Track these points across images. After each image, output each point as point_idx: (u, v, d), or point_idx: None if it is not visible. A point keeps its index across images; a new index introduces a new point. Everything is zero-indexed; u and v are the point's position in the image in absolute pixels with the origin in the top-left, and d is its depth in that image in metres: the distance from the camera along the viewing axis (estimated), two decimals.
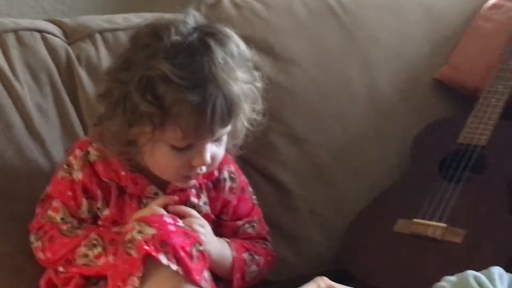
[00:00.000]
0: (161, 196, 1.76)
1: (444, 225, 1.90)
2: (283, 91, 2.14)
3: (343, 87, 2.22)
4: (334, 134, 2.18)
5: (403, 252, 1.91)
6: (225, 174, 1.85)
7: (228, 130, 1.69)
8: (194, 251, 1.61)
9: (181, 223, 1.65)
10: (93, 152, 1.76)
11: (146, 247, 1.55)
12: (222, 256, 1.77)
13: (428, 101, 2.28)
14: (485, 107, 2.09)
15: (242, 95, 1.66)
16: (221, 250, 1.77)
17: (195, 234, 1.65)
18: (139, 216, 1.65)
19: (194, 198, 1.79)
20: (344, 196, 2.15)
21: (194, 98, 1.59)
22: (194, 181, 1.76)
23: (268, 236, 1.93)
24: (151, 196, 1.76)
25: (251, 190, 1.93)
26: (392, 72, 2.27)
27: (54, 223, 1.76)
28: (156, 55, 1.62)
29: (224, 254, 1.78)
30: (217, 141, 1.69)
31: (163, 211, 1.68)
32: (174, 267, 1.57)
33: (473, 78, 2.23)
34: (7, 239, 1.82)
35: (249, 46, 2.03)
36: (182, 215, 1.72)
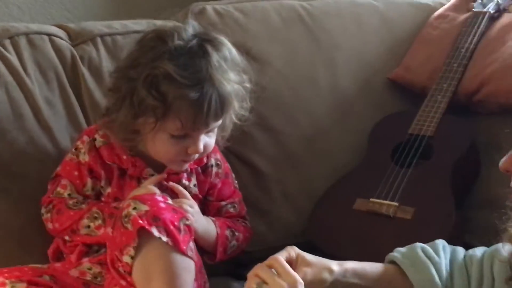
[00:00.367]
0: (156, 176, 1.77)
1: (396, 203, 1.91)
2: (259, 88, 2.11)
3: (310, 84, 2.21)
4: (302, 125, 2.18)
5: (361, 227, 1.92)
6: (212, 161, 1.86)
7: (219, 123, 1.71)
8: (182, 225, 1.61)
9: (170, 201, 1.65)
10: (99, 139, 1.77)
11: (140, 222, 1.56)
12: (207, 232, 1.78)
13: (383, 97, 2.28)
14: (432, 103, 2.10)
15: (233, 93, 1.68)
16: (206, 227, 1.78)
17: (182, 210, 1.66)
18: (134, 195, 1.66)
19: (185, 181, 1.81)
20: (311, 178, 2.14)
21: (193, 94, 1.61)
22: (187, 165, 1.77)
23: (247, 216, 1.94)
24: (148, 177, 1.77)
25: (233, 176, 1.94)
26: (353, 71, 2.27)
27: (62, 198, 1.77)
28: (161, 56, 1.63)
29: (209, 231, 1.79)
30: (209, 132, 1.71)
31: (156, 190, 1.69)
32: (165, 238, 1.57)
33: (422, 78, 2.23)
34: (18, 214, 1.82)
35: None
36: (176, 193, 1.74)
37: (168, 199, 1.66)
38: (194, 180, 1.84)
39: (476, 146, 2.06)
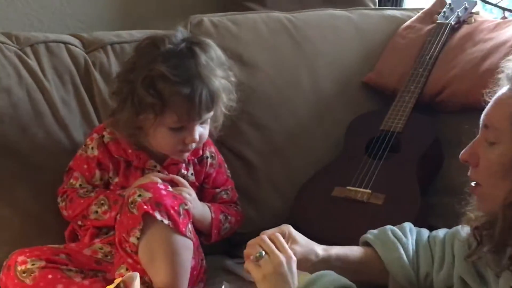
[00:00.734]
0: (158, 168, 1.77)
1: (369, 191, 1.91)
2: (248, 89, 2.10)
3: (294, 86, 2.20)
4: (287, 122, 2.17)
5: (338, 211, 1.92)
6: (207, 153, 1.87)
7: (211, 115, 1.71)
8: (181, 209, 1.63)
9: (170, 189, 1.66)
10: (107, 135, 1.78)
11: (145, 207, 1.57)
12: (203, 216, 1.79)
13: (358, 98, 2.27)
14: (400, 103, 2.09)
15: (221, 87, 1.69)
16: (203, 212, 1.79)
17: (181, 197, 1.67)
18: (138, 184, 1.66)
19: (183, 170, 1.81)
20: (295, 169, 2.13)
21: (185, 90, 1.61)
22: (187, 154, 1.77)
23: (238, 201, 1.95)
24: (150, 168, 1.77)
25: (226, 166, 1.94)
26: (331, 75, 2.26)
27: (74, 188, 1.77)
28: (155, 59, 1.64)
29: (205, 215, 1.79)
30: (202, 123, 1.71)
31: (159, 180, 1.69)
32: (166, 221, 1.59)
33: (392, 81, 2.22)
34: (37, 201, 1.83)
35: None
36: (176, 183, 1.74)
37: (169, 187, 1.67)
38: (191, 170, 1.84)
39: (439, 140, 2.06)
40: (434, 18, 2.30)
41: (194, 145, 1.72)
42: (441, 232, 1.65)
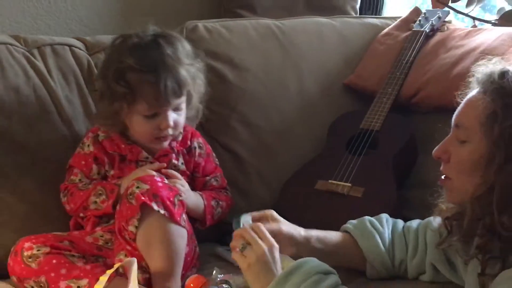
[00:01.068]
0: (150, 159, 1.77)
1: (349, 184, 1.91)
2: (240, 90, 2.12)
3: (282, 87, 2.19)
4: (274, 120, 2.16)
5: (321, 203, 1.92)
6: (195, 144, 1.86)
7: (183, 101, 1.71)
8: (176, 200, 1.62)
9: (166, 181, 1.65)
10: (101, 134, 1.77)
11: (143, 198, 1.57)
12: (197, 205, 1.78)
13: (340, 99, 2.26)
14: (379, 103, 2.09)
15: (189, 75, 1.69)
16: (196, 201, 1.78)
17: (176, 188, 1.66)
18: (136, 176, 1.65)
19: (174, 160, 1.80)
20: (281, 163, 2.12)
21: (151, 78, 1.63)
22: (166, 143, 1.76)
23: (228, 187, 1.93)
24: (143, 159, 1.76)
25: (214, 155, 1.93)
26: (315, 77, 2.25)
27: (74, 183, 1.76)
28: (123, 53, 1.66)
29: (198, 203, 1.78)
30: (176, 110, 1.71)
31: (154, 172, 1.67)
32: (162, 211, 1.58)
33: (371, 84, 2.22)
34: (42, 192, 1.81)
35: (215, 59, 2.07)
36: (169, 176, 1.72)
37: (165, 179, 1.66)
38: (181, 160, 1.82)
39: (414, 138, 2.05)
40: (410, 26, 2.31)
41: (171, 131, 1.71)
42: (414, 223, 1.66)
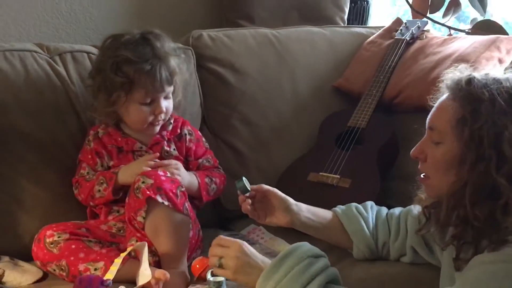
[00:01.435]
0: (144, 148, 1.77)
1: (338, 176, 1.91)
2: (240, 92, 2.12)
3: (278, 89, 2.19)
4: (271, 119, 2.16)
5: (312, 193, 1.92)
6: (185, 131, 1.85)
7: (172, 89, 1.73)
8: (178, 192, 1.63)
9: (168, 174, 1.65)
10: (100, 131, 1.78)
11: (148, 192, 1.58)
12: (192, 183, 1.77)
13: (330, 99, 2.25)
14: (365, 104, 2.09)
15: (176, 64, 1.71)
16: (190, 179, 1.76)
17: (177, 180, 1.66)
18: (141, 171, 1.64)
19: (166, 147, 1.79)
20: (277, 157, 2.12)
21: (147, 67, 1.65)
22: (158, 127, 1.77)
23: (219, 166, 1.92)
24: (138, 149, 1.77)
25: (204, 140, 1.92)
26: (308, 80, 2.24)
27: (82, 176, 1.76)
28: (118, 48, 1.68)
29: (193, 181, 1.77)
30: (166, 98, 1.72)
31: (151, 163, 1.67)
32: (166, 203, 1.59)
33: (358, 86, 2.21)
34: (62, 183, 1.80)
35: (218, 64, 2.07)
36: (164, 164, 1.70)
37: (167, 173, 1.65)
38: (173, 146, 1.82)
39: (396, 135, 2.04)
40: (392, 35, 2.30)
41: (163, 116, 1.72)
42: (397, 210, 1.66)
